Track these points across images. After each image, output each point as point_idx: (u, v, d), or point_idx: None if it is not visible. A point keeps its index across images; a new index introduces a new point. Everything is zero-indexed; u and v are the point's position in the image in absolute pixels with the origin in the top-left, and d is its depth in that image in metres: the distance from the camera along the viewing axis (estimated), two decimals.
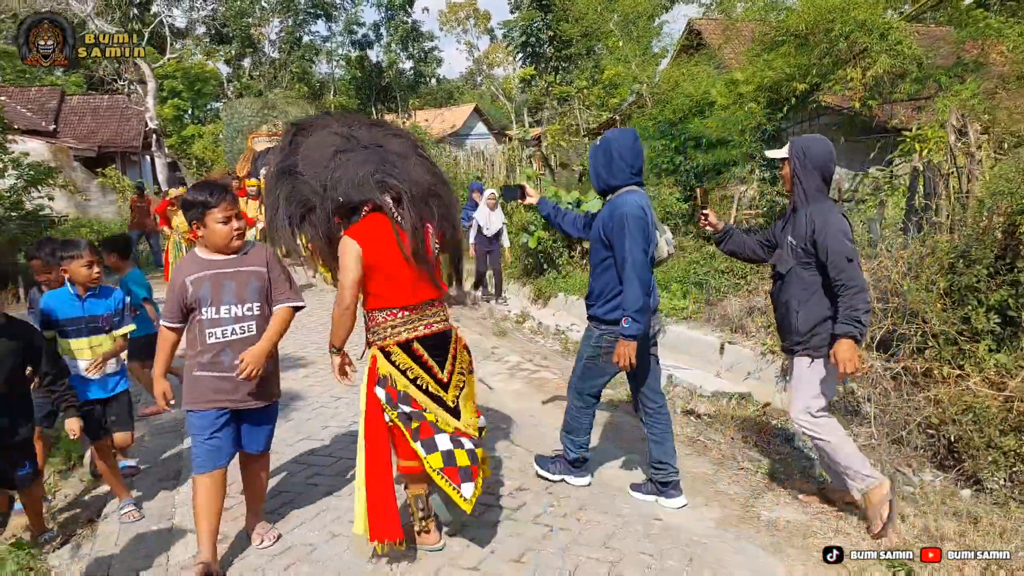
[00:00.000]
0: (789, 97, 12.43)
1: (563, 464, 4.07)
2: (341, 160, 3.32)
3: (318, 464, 4.49)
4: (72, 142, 23.26)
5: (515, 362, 6.78)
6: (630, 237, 3.50)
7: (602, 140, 3.75)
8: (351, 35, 42.03)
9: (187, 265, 3.29)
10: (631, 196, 3.63)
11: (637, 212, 3.54)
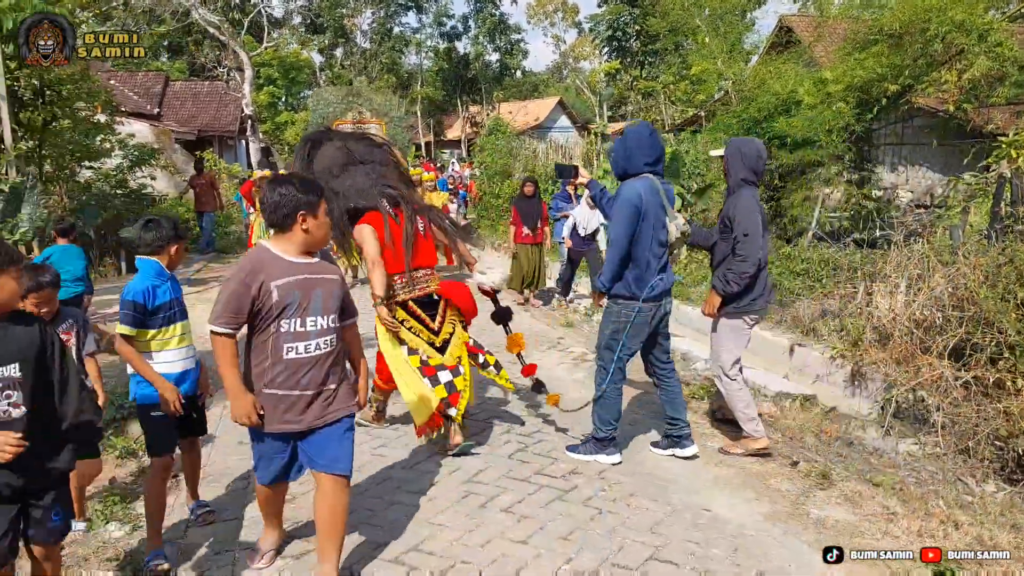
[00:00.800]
0: (880, 98, 12.11)
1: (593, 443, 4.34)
2: (348, 173, 4.37)
3: (384, 436, 4.73)
4: (174, 125, 24.44)
5: (579, 353, 6.89)
6: (616, 216, 4.02)
7: (625, 134, 4.16)
8: (440, 27, 42.65)
9: (268, 266, 2.82)
10: (636, 182, 4.03)
11: (631, 197, 3.97)
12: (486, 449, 4.49)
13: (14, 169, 7.72)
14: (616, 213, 4.02)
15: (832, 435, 4.95)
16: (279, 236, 2.89)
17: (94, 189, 13.27)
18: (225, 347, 2.82)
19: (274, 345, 2.83)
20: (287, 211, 2.81)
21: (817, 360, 6.88)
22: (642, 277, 4.03)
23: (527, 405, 5.33)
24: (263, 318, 2.82)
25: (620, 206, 3.99)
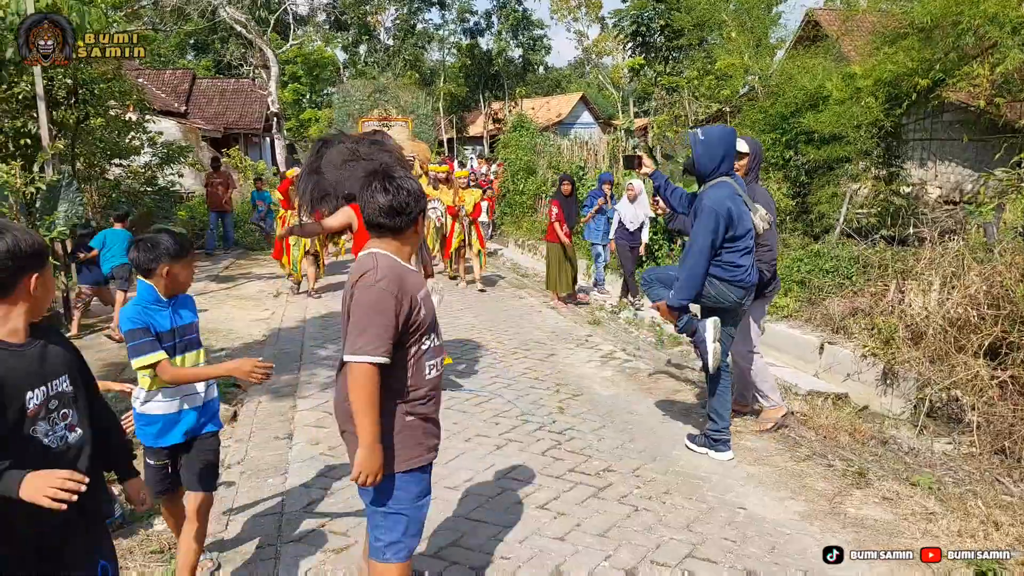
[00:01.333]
0: (909, 93, 11.95)
1: (706, 439, 4.39)
2: (349, 168, 4.84)
3: None
4: (201, 123, 24.69)
5: (608, 351, 6.90)
6: (701, 225, 4.00)
7: (704, 134, 4.16)
8: (463, 23, 42.70)
9: (405, 277, 2.42)
10: (717, 190, 4.06)
11: (715, 206, 3.98)
12: (519, 446, 4.51)
13: (51, 167, 7.84)
14: (701, 224, 4.03)
15: (866, 434, 4.92)
16: (390, 241, 2.46)
17: (123, 187, 13.47)
18: (371, 381, 2.31)
19: (417, 366, 2.45)
20: (412, 213, 2.46)
21: (848, 358, 6.84)
22: (735, 272, 4.11)
23: (559, 403, 5.34)
24: (409, 336, 2.42)
25: (706, 217, 4.01)
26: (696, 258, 4.01)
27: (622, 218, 9.23)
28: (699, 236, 4.00)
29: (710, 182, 4.13)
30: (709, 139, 4.13)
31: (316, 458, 4.42)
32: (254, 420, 5.15)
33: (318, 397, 5.60)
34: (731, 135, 4.17)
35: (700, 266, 4.01)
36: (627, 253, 9.24)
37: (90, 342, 7.56)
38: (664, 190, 4.58)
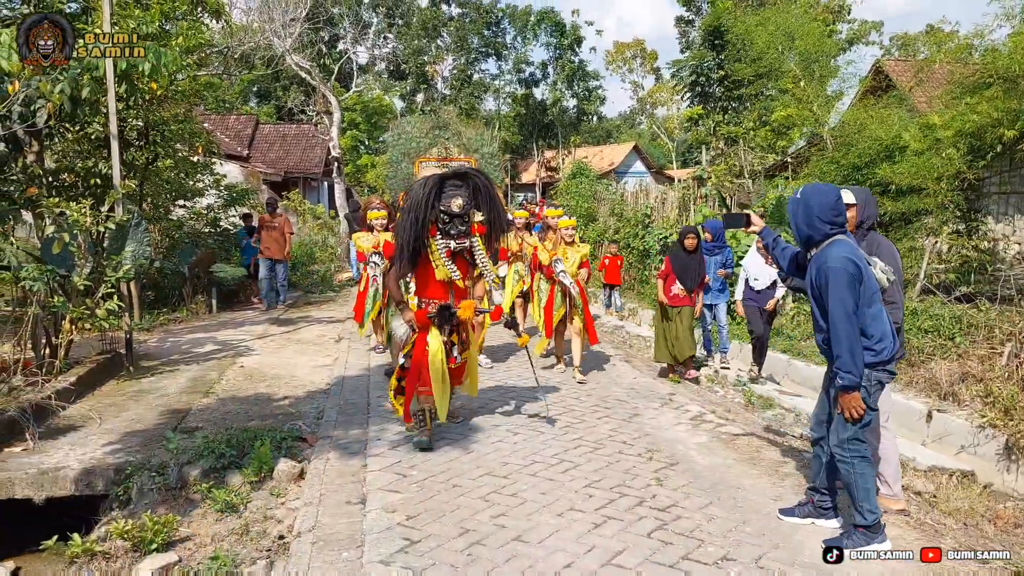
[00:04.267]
0: (994, 144, 11.40)
1: (860, 534, 3.66)
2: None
3: (503, 503, 4.34)
4: (262, 167, 25.07)
5: (696, 412, 6.40)
6: (834, 293, 3.59)
7: (801, 194, 3.81)
8: (519, 73, 43.13)
9: None
10: (836, 248, 3.68)
11: (842, 265, 3.59)
12: (619, 525, 4.02)
13: (121, 207, 7.73)
14: (834, 290, 3.60)
15: (1008, 520, 4.34)
16: None
17: (187, 228, 13.52)
18: None
19: None
20: None
21: (962, 429, 6.24)
22: (872, 346, 3.68)
23: (654, 473, 4.86)
24: None
25: (835, 280, 3.59)
26: (845, 324, 3.56)
27: (748, 275, 8.05)
28: (837, 304, 3.57)
29: (825, 243, 3.74)
30: (808, 198, 3.75)
31: (393, 528, 4.00)
32: (323, 480, 4.77)
33: (389, 456, 5.21)
34: (834, 191, 3.78)
35: (854, 331, 3.56)
36: (757, 315, 8.03)
37: (150, 387, 7.33)
38: (774, 248, 4.20)
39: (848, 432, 3.68)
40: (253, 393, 7.09)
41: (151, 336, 10.17)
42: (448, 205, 5.17)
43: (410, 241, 5.10)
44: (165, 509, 4.68)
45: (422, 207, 5.10)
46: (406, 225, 5.10)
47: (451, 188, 5.20)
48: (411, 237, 5.09)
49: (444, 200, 5.18)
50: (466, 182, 5.24)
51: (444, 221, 5.20)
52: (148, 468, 5.08)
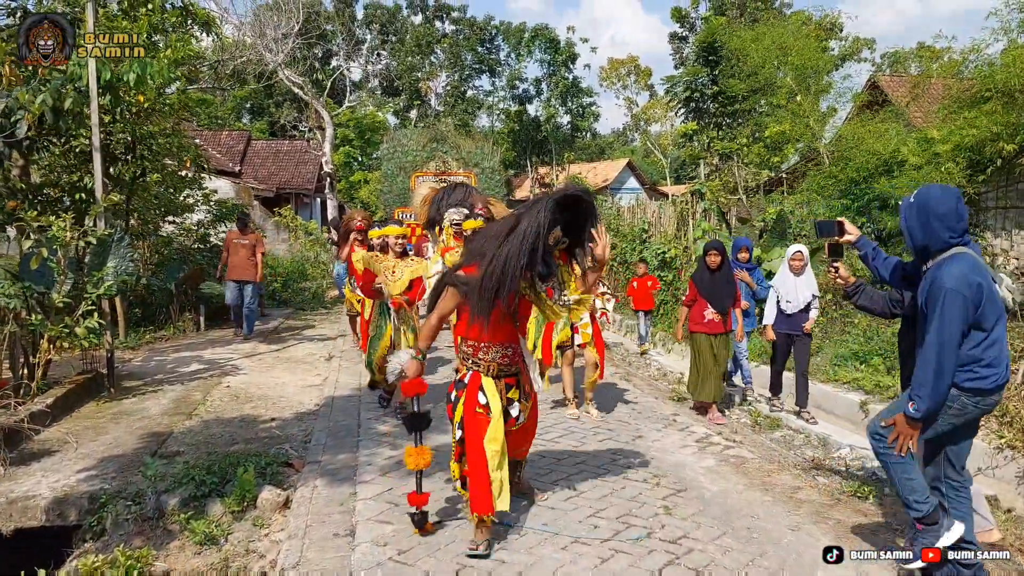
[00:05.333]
0: (994, 158, 11.27)
1: (923, 531, 3.35)
2: None
3: (503, 535, 4.05)
4: (254, 183, 24.81)
5: (702, 434, 6.13)
6: (940, 317, 3.18)
7: (916, 196, 3.40)
8: (512, 89, 43.13)
9: None
10: (956, 265, 3.23)
11: (959, 287, 3.17)
12: (628, 560, 3.75)
13: (103, 221, 7.46)
14: (938, 310, 3.20)
15: None
16: None
17: (175, 244, 13.24)
18: None
19: None
20: None
21: (977, 449, 5.98)
22: (982, 374, 3.27)
23: (662, 500, 4.59)
24: None
25: (947, 301, 3.18)
26: (945, 352, 3.16)
27: (780, 297, 6.98)
28: (944, 326, 3.17)
29: (944, 255, 3.32)
30: (924, 201, 3.34)
31: (384, 564, 3.72)
32: (309, 510, 4.48)
33: (380, 483, 4.93)
34: (954, 193, 3.37)
35: (950, 362, 3.18)
36: (785, 343, 7.03)
37: (131, 408, 7.03)
38: (872, 260, 3.86)
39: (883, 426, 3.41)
40: (238, 415, 6.79)
41: (136, 355, 9.86)
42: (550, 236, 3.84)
43: (512, 278, 3.68)
44: (141, 541, 4.39)
45: (540, 238, 3.71)
46: (512, 257, 3.67)
47: (554, 215, 3.80)
48: (513, 274, 3.69)
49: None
50: (576, 208, 3.85)
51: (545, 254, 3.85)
52: (124, 497, 4.78)
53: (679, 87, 31.15)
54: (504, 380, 4.05)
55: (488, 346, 4.00)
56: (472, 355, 4.05)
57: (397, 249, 6.46)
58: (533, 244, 3.67)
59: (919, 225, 3.34)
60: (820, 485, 4.92)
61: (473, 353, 4.04)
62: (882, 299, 4.21)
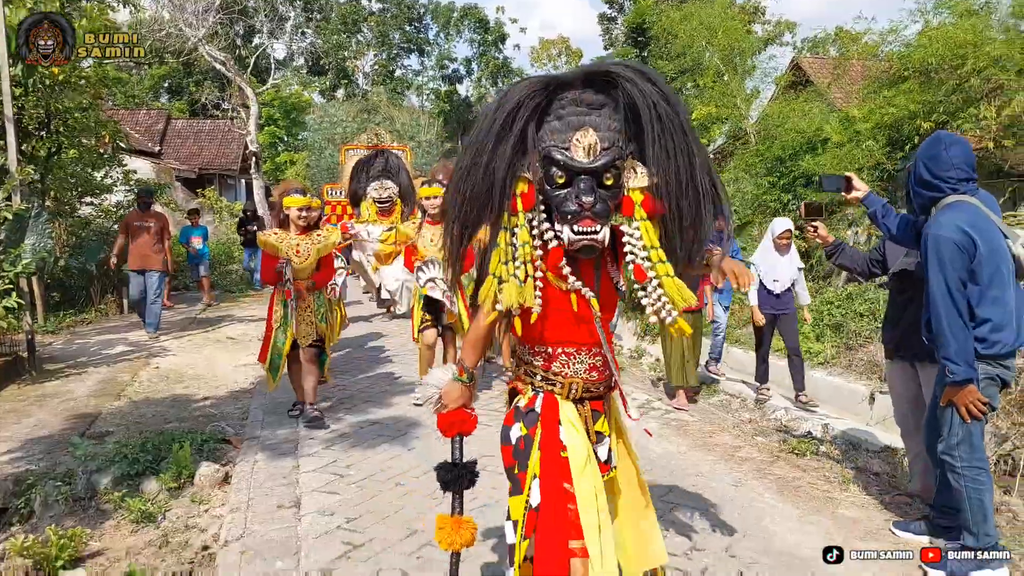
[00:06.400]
0: (912, 136, 11.72)
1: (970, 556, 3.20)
2: None
3: None
4: (175, 163, 23.96)
5: (643, 400, 6.25)
6: (936, 265, 3.08)
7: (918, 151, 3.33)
8: (442, 70, 42.69)
9: None
10: (949, 213, 3.15)
11: (949, 233, 3.06)
12: None
13: (18, 196, 7.08)
14: (931, 260, 3.10)
15: None
16: None
17: (94, 225, 12.67)
18: None
19: None
20: None
21: None
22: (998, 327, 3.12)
23: None
24: None
25: (937, 250, 3.08)
26: (943, 303, 3.05)
27: (763, 275, 6.41)
28: (935, 277, 3.08)
29: (941, 204, 3.22)
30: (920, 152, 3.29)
31: (332, 533, 3.66)
32: (251, 484, 4.37)
33: (324, 455, 4.84)
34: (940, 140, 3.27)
35: (952, 312, 3.04)
36: (770, 323, 6.45)
37: (55, 391, 6.72)
38: (884, 217, 3.66)
39: (958, 436, 3.17)
40: (170, 395, 6.57)
41: (56, 338, 9.43)
42: (567, 150, 2.10)
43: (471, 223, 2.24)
44: (73, 522, 4.19)
45: (503, 145, 2.12)
46: (463, 196, 2.19)
47: (574, 111, 2.13)
48: (474, 215, 2.22)
49: (557, 137, 2.12)
50: (611, 98, 2.13)
51: (556, 184, 2.14)
52: (53, 477, 4.56)
53: None
54: (590, 405, 2.35)
55: (570, 351, 2.31)
56: (543, 367, 2.33)
57: (300, 223, 5.50)
58: (482, 160, 2.13)
59: (915, 175, 3.31)
60: (759, 444, 5.06)
61: (545, 364, 2.33)
62: (862, 259, 4.27)
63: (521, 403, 2.36)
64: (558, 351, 2.30)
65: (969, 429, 3.16)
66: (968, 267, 3.07)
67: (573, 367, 2.29)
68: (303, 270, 5.44)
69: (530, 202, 2.14)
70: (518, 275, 2.11)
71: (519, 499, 2.21)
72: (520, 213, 2.13)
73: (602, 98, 2.11)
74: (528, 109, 2.09)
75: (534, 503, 2.16)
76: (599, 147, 2.06)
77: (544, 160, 2.11)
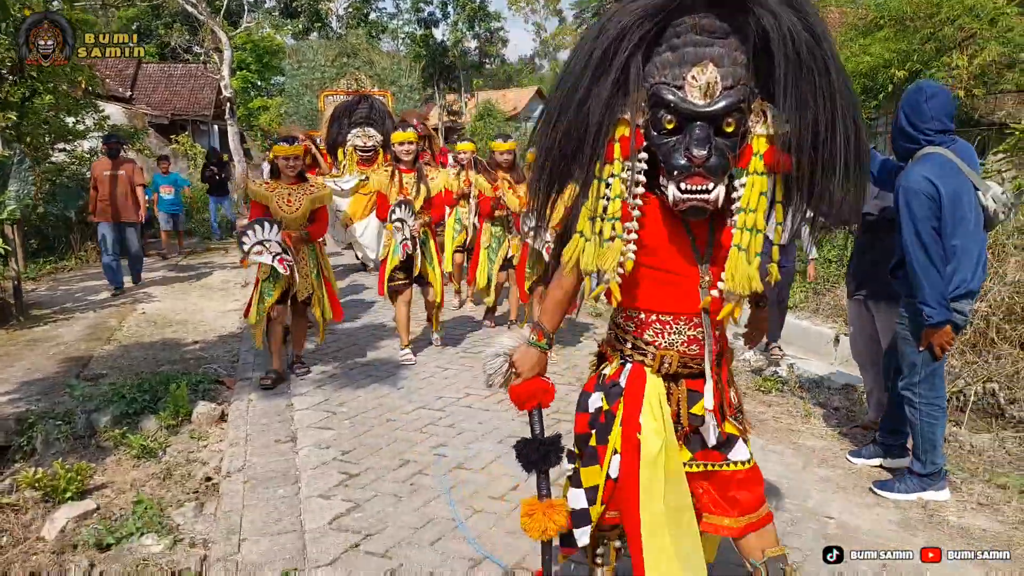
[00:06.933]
0: (886, 84, 11.88)
1: (914, 479, 3.52)
2: None
3: (441, 435, 4.28)
4: (147, 109, 23.56)
5: None
6: (907, 216, 3.19)
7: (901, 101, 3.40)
8: (417, 13, 41.89)
9: None
10: (918, 166, 3.25)
11: (917, 186, 3.17)
12: None
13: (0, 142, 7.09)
14: (901, 211, 3.21)
15: None
16: None
17: (68, 172, 12.56)
18: None
19: None
20: None
21: None
22: (957, 273, 3.24)
23: None
24: None
25: (906, 201, 3.19)
26: (916, 253, 3.18)
27: None
28: (907, 227, 3.19)
29: (916, 155, 3.29)
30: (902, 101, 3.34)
31: (330, 464, 3.89)
32: (248, 421, 4.58)
33: (315, 395, 5.05)
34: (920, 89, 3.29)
35: (925, 260, 3.16)
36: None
37: (44, 335, 6.84)
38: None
39: (921, 375, 3.38)
40: (160, 339, 6.72)
41: (38, 285, 9.50)
42: (680, 90, 1.75)
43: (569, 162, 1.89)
44: (75, 458, 4.37)
45: (602, 82, 1.77)
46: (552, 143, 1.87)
47: (691, 40, 1.74)
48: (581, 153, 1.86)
49: (668, 72, 1.76)
50: (738, 24, 1.73)
51: (664, 130, 1.80)
52: (53, 417, 4.74)
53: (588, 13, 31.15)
54: (685, 383, 2.03)
55: (666, 319, 1.99)
56: (635, 332, 2.03)
57: (290, 173, 5.28)
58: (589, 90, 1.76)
59: (896, 124, 3.37)
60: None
61: (637, 330, 2.02)
62: None
63: (607, 371, 2.09)
64: (651, 317, 1.98)
65: (933, 369, 3.36)
66: (937, 215, 3.18)
67: (668, 337, 1.97)
68: (294, 220, 5.20)
69: (628, 149, 1.79)
70: (603, 233, 1.82)
71: (594, 470, 2.05)
72: (616, 161, 1.80)
73: (727, 25, 1.71)
74: (634, 38, 1.71)
75: (613, 475, 2.01)
76: (720, 86, 1.71)
77: (651, 100, 1.76)
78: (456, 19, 41.25)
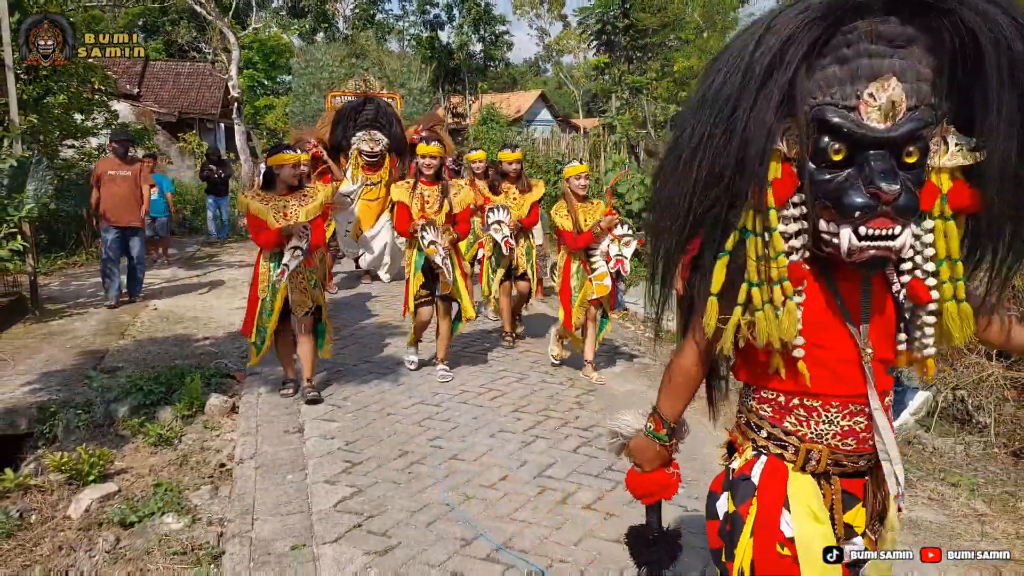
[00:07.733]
0: None
1: None
2: None
3: (438, 428, 4.58)
4: (154, 106, 23.87)
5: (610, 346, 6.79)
6: None
7: None
8: (423, 15, 42.22)
9: None
10: None
11: None
12: (547, 443, 4.36)
13: (20, 143, 7.38)
14: None
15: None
16: None
17: (78, 168, 12.85)
18: None
19: None
20: None
21: None
22: None
23: (576, 399, 5.20)
24: None
25: None
26: None
27: None
28: None
29: None
30: None
31: (334, 453, 4.20)
32: (257, 413, 4.89)
33: (321, 389, 5.35)
34: None
35: None
36: None
37: (60, 329, 7.14)
38: None
39: None
40: (171, 334, 7.02)
41: (50, 280, 9.80)
42: (853, 111, 1.38)
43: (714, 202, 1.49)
44: (95, 445, 4.68)
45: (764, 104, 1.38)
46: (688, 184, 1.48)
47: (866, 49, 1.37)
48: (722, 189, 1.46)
49: (836, 91, 1.39)
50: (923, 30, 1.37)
51: (829, 161, 1.42)
52: (73, 406, 5.05)
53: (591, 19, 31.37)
54: (841, 482, 1.70)
55: (812, 404, 1.61)
56: (770, 419, 1.67)
57: (292, 182, 4.97)
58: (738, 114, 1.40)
59: None
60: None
61: (774, 416, 1.66)
62: None
63: (735, 465, 1.71)
64: (792, 401, 1.60)
65: None
66: None
67: (816, 427, 1.59)
68: None
69: (786, 192, 1.45)
70: (775, 299, 1.45)
71: None
72: (772, 209, 1.44)
73: (910, 31, 1.36)
74: (803, 47, 1.34)
75: None
76: (904, 105, 1.36)
77: (813, 125, 1.40)
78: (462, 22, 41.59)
